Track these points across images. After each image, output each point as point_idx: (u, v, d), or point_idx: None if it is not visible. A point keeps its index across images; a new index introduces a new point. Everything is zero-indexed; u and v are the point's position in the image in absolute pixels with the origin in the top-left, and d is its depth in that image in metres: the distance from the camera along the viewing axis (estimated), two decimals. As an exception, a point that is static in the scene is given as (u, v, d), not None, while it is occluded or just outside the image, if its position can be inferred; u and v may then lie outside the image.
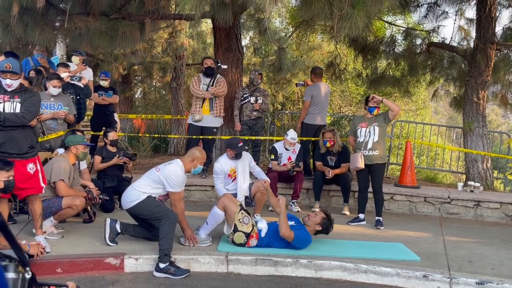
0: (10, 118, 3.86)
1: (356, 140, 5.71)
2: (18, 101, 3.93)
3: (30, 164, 4.03)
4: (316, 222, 4.39)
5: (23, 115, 3.90)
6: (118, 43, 6.99)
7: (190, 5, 5.02)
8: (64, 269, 3.88)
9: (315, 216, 4.42)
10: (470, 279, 3.84)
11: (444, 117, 30.67)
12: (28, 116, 3.93)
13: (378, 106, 5.67)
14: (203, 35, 13.62)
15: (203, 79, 6.78)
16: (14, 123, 3.88)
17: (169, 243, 3.95)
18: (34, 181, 4.06)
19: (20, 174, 3.96)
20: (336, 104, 16.10)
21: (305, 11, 5.38)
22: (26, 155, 3.99)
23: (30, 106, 3.96)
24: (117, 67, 11.70)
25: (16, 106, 3.93)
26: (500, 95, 9.25)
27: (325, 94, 7.12)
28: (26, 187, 4.04)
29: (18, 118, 3.88)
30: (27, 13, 6.10)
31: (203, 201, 6.64)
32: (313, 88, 7.09)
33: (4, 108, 3.89)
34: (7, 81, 3.89)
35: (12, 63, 3.88)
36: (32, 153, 4.05)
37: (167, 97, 16.61)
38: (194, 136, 6.73)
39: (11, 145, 3.91)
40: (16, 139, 3.92)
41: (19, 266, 1.17)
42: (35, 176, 4.06)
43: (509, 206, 6.33)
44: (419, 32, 9.22)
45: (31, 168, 4.03)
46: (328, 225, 4.42)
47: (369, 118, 5.67)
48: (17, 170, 3.92)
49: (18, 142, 3.93)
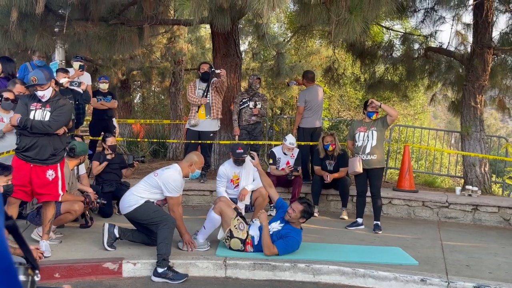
0: (36, 126, 3.97)
1: (355, 144, 5.73)
2: (48, 110, 4.06)
3: (50, 171, 4.10)
4: (297, 217, 4.29)
5: (48, 124, 4.00)
6: (117, 49, 7.03)
7: (188, 11, 5.04)
8: (62, 274, 3.89)
9: (294, 212, 4.28)
10: (468, 283, 3.84)
11: (443, 122, 30.69)
12: (54, 125, 4.03)
13: (377, 111, 5.69)
14: (202, 40, 13.66)
15: (199, 84, 6.80)
16: (40, 131, 3.99)
17: (167, 247, 3.96)
18: (52, 188, 4.12)
19: (39, 179, 4.04)
20: (335, 108, 16.12)
21: (303, 16, 5.42)
22: (47, 161, 4.07)
23: (58, 115, 4.06)
24: (116, 72, 11.71)
25: (45, 114, 4.05)
26: (497, 99, 9.28)
27: (319, 97, 7.13)
28: (44, 193, 4.10)
29: (43, 127, 3.98)
30: (26, 19, 6.12)
31: (201, 206, 6.65)
32: (306, 93, 7.11)
33: (35, 116, 4.02)
34: (39, 93, 4.03)
35: (38, 75, 3.98)
36: (54, 160, 4.12)
37: (166, 102, 16.62)
38: (191, 141, 6.75)
39: (34, 151, 4.01)
40: (40, 145, 4.02)
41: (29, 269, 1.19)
42: (53, 183, 4.12)
43: (507, 210, 6.34)
44: (417, 37, 9.26)
45: (51, 175, 4.10)
46: (308, 211, 4.31)
47: (368, 123, 5.69)
48: (37, 175, 4.03)
49: (42, 149, 4.03)
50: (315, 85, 7.28)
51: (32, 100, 4.09)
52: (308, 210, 4.34)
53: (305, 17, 5.36)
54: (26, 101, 4.10)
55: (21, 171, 3.97)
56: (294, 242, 4.31)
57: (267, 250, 4.24)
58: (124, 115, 13.15)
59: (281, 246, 4.25)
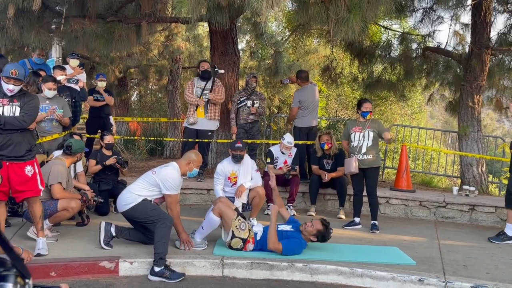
0: (10, 122, 3.87)
1: (350, 144, 5.74)
2: (17, 105, 3.95)
3: (28, 167, 4.02)
4: (312, 233, 4.27)
5: (23, 119, 3.92)
6: (114, 46, 6.99)
7: (186, 8, 5.02)
8: (59, 273, 3.86)
9: (312, 226, 4.28)
10: (465, 283, 3.85)
11: (440, 121, 30.78)
12: (28, 120, 3.95)
13: (371, 110, 5.70)
14: (200, 38, 13.63)
15: (198, 83, 6.77)
16: (14, 126, 3.90)
17: (164, 246, 3.94)
18: (32, 184, 4.05)
19: (18, 177, 3.95)
20: (332, 108, 16.13)
21: (301, 15, 5.41)
22: (24, 157, 3.99)
23: (30, 109, 3.98)
24: (113, 70, 11.68)
25: (15, 109, 3.94)
26: (495, 99, 9.31)
27: (314, 96, 7.09)
28: (24, 190, 4.02)
29: (18, 122, 3.90)
30: (23, 15, 6.08)
31: (198, 205, 6.63)
32: (300, 93, 7.08)
33: (3, 112, 3.91)
34: (10, 86, 3.89)
35: (19, 70, 3.90)
36: (30, 156, 4.05)
37: (163, 100, 16.59)
38: (189, 139, 6.72)
39: (9, 148, 3.91)
40: (15, 142, 3.92)
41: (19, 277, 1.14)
42: (33, 179, 4.05)
43: (504, 210, 6.34)
44: (415, 37, 9.27)
45: (29, 171, 4.02)
46: (324, 235, 4.29)
47: (362, 122, 5.69)
48: (15, 173, 3.93)
49: (16, 145, 3.93)
50: (310, 84, 7.23)
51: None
52: (325, 234, 4.28)
53: (304, 16, 5.35)
54: None
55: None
56: (299, 245, 4.29)
57: (272, 244, 4.22)
58: (121, 113, 13.11)
59: (287, 245, 4.23)
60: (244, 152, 5.21)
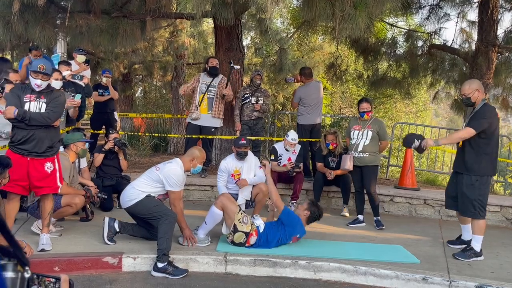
0: (35, 118, 3.88)
1: (349, 142, 5.76)
2: (44, 101, 3.97)
3: (48, 163, 4.04)
4: (303, 208, 4.54)
5: (48, 115, 3.93)
6: (119, 42, 6.98)
7: (191, 4, 5.00)
8: (62, 268, 3.87)
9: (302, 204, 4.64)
10: (470, 282, 3.82)
11: (445, 120, 30.62)
12: (53, 117, 3.96)
13: (369, 110, 5.68)
14: (204, 35, 13.61)
15: (204, 79, 6.76)
16: (39, 123, 3.91)
17: (167, 242, 3.94)
18: (51, 180, 4.07)
19: (38, 172, 3.98)
20: (337, 105, 16.09)
21: (306, 11, 5.37)
22: (45, 154, 4.01)
23: (55, 106, 3.99)
24: (118, 66, 11.67)
25: (41, 106, 3.96)
26: (501, 98, 9.25)
27: (317, 93, 7.01)
28: (43, 186, 4.05)
29: (43, 118, 3.91)
30: (28, 10, 6.09)
31: (202, 201, 6.62)
32: (301, 90, 7.02)
33: (30, 107, 3.93)
34: (38, 82, 3.91)
35: (46, 65, 3.91)
36: (51, 153, 4.06)
37: (168, 96, 16.60)
38: (193, 135, 6.71)
39: (32, 144, 3.93)
40: (37, 138, 3.94)
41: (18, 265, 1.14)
42: (52, 175, 4.08)
43: (509, 210, 6.31)
44: (421, 34, 9.22)
45: (49, 167, 4.04)
46: (315, 209, 4.54)
47: (363, 121, 5.69)
48: (35, 168, 3.96)
49: (39, 141, 3.96)
50: (314, 81, 7.15)
51: (24, 91, 3.97)
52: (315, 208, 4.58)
53: (309, 12, 5.31)
54: (18, 92, 3.97)
55: (17, 165, 3.87)
56: (296, 217, 4.46)
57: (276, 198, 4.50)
58: (126, 109, 13.13)
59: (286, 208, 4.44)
60: (248, 149, 5.20)
